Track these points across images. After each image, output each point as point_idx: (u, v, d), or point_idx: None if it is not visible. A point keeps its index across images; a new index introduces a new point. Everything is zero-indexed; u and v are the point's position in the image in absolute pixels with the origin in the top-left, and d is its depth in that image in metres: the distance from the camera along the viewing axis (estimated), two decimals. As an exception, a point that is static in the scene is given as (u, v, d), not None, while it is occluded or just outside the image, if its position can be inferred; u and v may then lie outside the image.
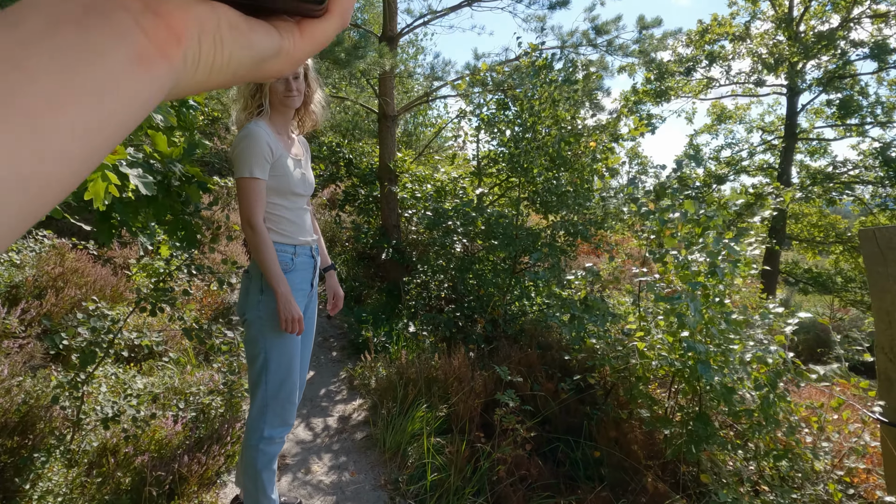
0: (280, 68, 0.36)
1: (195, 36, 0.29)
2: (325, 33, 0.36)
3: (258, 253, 2.00)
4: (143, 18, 0.27)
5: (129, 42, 0.26)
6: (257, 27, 0.33)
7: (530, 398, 3.60)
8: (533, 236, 4.70)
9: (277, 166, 2.07)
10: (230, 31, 0.31)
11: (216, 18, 0.31)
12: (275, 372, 2.15)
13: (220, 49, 0.31)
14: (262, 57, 0.34)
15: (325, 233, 8.37)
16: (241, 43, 0.32)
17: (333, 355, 5.05)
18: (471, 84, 5.77)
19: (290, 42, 0.35)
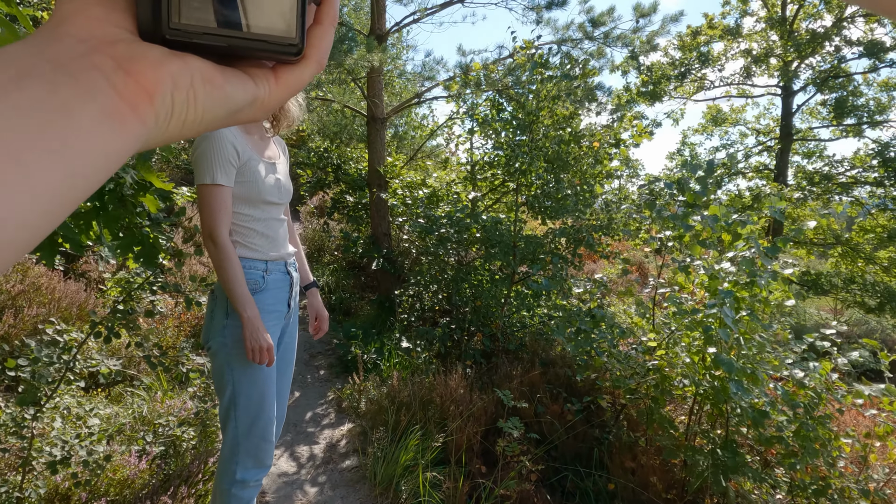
0: (253, 115, 0.35)
1: (168, 93, 0.29)
2: (300, 79, 0.36)
3: (221, 271, 1.70)
4: (114, 76, 0.27)
5: (98, 100, 0.26)
6: (232, 78, 0.33)
7: (534, 423, 3.28)
8: (534, 244, 4.40)
9: (245, 171, 1.76)
10: (204, 85, 0.31)
11: (189, 74, 0.30)
12: (245, 407, 1.84)
13: (194, 104, 0.31)
14: (237, 108, 0.33)
15: (313, 242, 8.03)
16: (215, 97, 0.32)
17: (321, 374, 4.71)
18: (463, 84, 5.48)
19: (266, 90, 0.35)
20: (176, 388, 3.64)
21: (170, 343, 4.48)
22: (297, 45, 0.33)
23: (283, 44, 0.33)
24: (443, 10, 5.81)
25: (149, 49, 0.29)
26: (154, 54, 0.29)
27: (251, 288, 1.80)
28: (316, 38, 0.36)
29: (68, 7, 0.29)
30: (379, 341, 4.80)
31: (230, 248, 1.71)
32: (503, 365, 4.03)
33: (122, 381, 3.75)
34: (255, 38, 0.32)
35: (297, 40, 0.33)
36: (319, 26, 0.36)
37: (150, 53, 0.29)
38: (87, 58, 0.27)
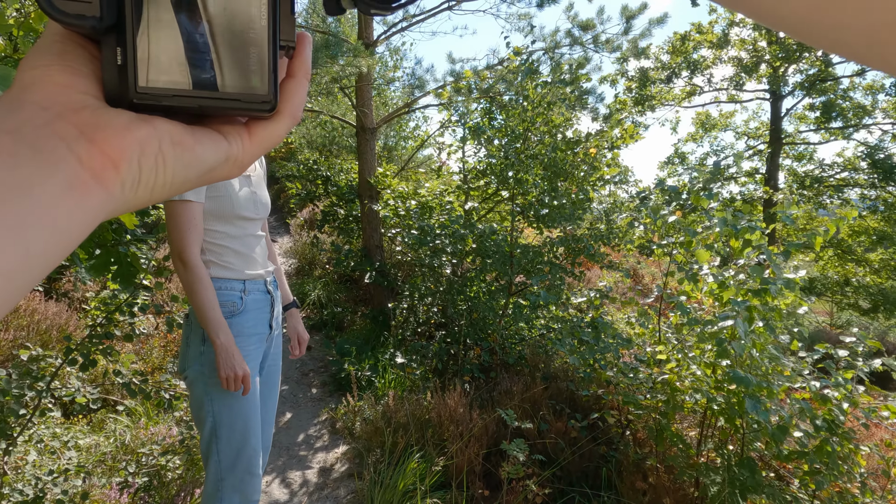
0: (227, 173, 0.34)
1: (134, 160, 0.28)
2: (274, 134, 0.35)
3: (192, 294, 1.56)
4: (77, 146, 0.26)
5: (61, 172, 0.25)
6: (203, 138, 0.31)
7: (538, 443, 3.14)
8: (531, 254, 4.28)
9: (217, 185, 1.63)
10: (173, 148, 0.30)
11: (157, 139, 0.29)
12: (227, 439, 1.69)
13: (163, 169, 0.29)
14: (209, 168, 0.32)
15: (304, 255, 7.88)
16: (185, 160, 0.30)
17: (313, 393, 4.55)
18: (455, 91, 5.37)
19: (239, 147, 0.33)
20: (161, 414, 3.47)
21: (156, 364, 4.31)
22: (270, 101, 0.32)
23: (255, 101, 0.32)
24: (431, 17, 5.72)
25: (115, 115, 0.28)
26: (120, 120, 0.28)
27: (228, 310, 1.66)
28: (289, 91, 0.34)
29: (31, 74, 0.28)
30: (373, 357, 4.65)
31: (201, 268, 1.58)
32: (503, 380, 3.89)
33: (105, 407, 3.58)
34: (227, 98, 0.31)
35: (270, 96, 0.32)
36: (292, 79, 0.35)
37: (116, 120, 0.28)
38: (50, 126, 0.26)
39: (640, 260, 12.65)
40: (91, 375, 3.58)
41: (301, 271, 7.68)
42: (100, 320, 2.57)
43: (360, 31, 5.69)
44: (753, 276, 2.16)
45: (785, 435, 2.18)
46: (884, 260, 12.14)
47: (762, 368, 2.35)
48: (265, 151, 0.35)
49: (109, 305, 2.66)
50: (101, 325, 2.49)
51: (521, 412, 3.37)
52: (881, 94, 13.04)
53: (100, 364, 3.53)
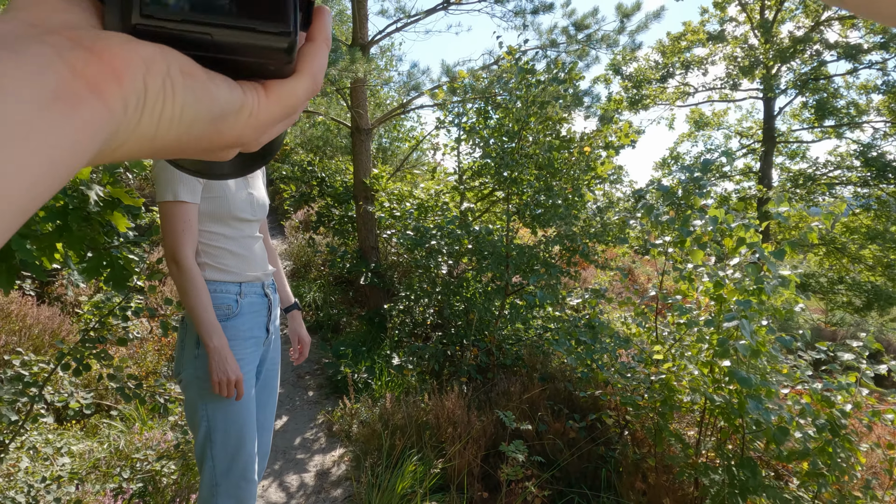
0: (241, 132, 0.30)
1: (139, 76, 0.24)
2: (293, 93, 0.32)
3: (185, 297, 1.54)
4: (70, 54, 0.22)
5: (45, 78, 0.21)
6: (216, 78, 0.28)
7: (537, 444, 3.12)
8: (527, 254, 4.26)
9: (213, 186, 1.62)
10: (183, 77, 0.26)
11: (165, 61, 0.25)
12: (222, 444, 1.67)
13: (171, 95, 0.26)
14: (221, 112, 0.28)
15: (299, 257, 7.84)
16: (196, 92, 0.27)
17: (310, 395, 4.52)
18: (450, 92, 5.35)
19: (255, 99, 0.30)
20: (155, 418, 3.44)
21: (150, 368, 4.27)
22: (289, 33, 0.29)
23: (272, 32, 0.28)
24: (427, 17, 5.70)
25: (115, 34, 0.25)
26: (122, 38, 0.24)
27: (224, 313, 1.64)
28: (309, 54, 0.32)
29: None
30: (369, 359, 4.63)
31: (195, 270, 1.56)
32: (501, 381, 3.87)
33: (99, 412, 3.54)
34: (242, 27, 0.28)
35: (290, 28, 0.29)
36: (312, 43, 0.33)
37: (118, 37, 0.24)
38: (38, 37, 0.22)
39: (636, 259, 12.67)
40: (84, 380, 3.54)
41: (296, 273, 7.65)
42: (93, 324, 2.54)
43: (354, 32, 5.66)
44: (749, 276, 2.15)
45: (786, 436, 2.17)
46: (877, 257, 12.20)
47: (760, 367, 2.34)
48: (284, 114, 0.32)
49: (102, 309, 2.64)
50: (95, 329, 2.46)
51: (520, 413, 3.36)
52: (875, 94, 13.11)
53: (93, 369, 3.49)
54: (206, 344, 1.54)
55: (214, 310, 1.61)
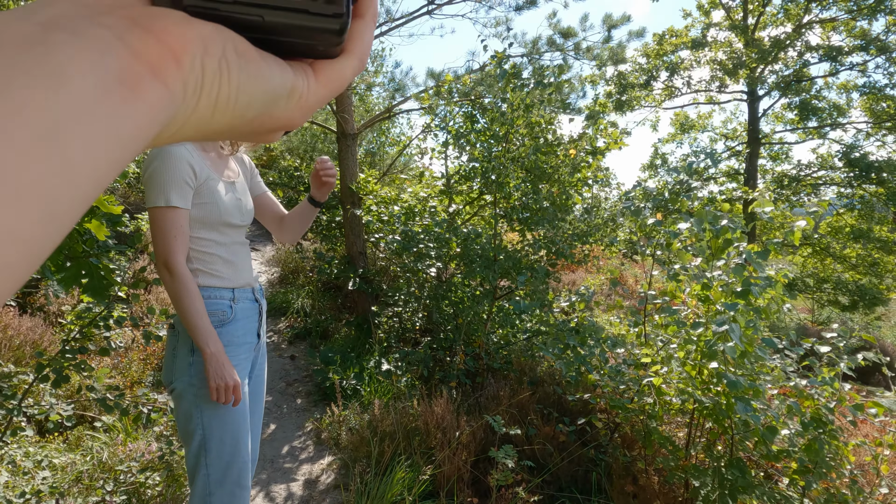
0: (291, 115, 0.30)
1: (198, 57, 0.24)
2: (341, 75, 0.32)
3: (179, 302, 1.52)
4: (129, 35, 0.22)
5: (108, 62, 0.20)
6: (269, 58, 0.28)
7: (527, 448, 3.11)
8: (514, 258, 4.25)
9: (204, 192, 1.59)
10: (238, 57, 0.26)
11: (222, 40, 0.25)
12: (217, 453, 1.63)
13: (227, 77, 0.26)
14: (274, 94, 0.28)
15: (287, 264, 7.79)
16: (250, 72, 0.27)
17: (298, 403, 4.47)
18: (436, 95, 5.35)
19: (304, 82, 0.30)
20: (139, 429, 3.38)
21: (134, 378, 4.20)
22: (342, 14, 0.28)
23: (325, 13, 0.28)
24: (411, 21, 5.70)
25: (171, 12, 0.24)
26: (177, 15, 0.24)
27: (219, 319, 1.62)
28: (357, 31, 0.32)
29: None
30: (358, 365, 4.59)
31: (188, 276, 1.53)
32: (490, 385, 3.85)
33: (82, 424, 3.47)
34: (294, 8, 0.27)
35: (343, 9, 0.28)
36: (360, 20, 0.33)
37: (173, 14, 0.24)
38: (93, 18, 0.21)
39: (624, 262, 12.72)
40: (67, 392, 3.48)
41: (284, 280, 7.59)
42: (74, 334, 2.50)
43: (339, 37, 5.63)
44: (735, 278, 2.16)
45: (775, 435, 2.17)
46: (861, 256, 12.35)
47: (747, 367, 2.34)
48: (333, 95, 0.32)
49: (85, 319, 2.59)
50: (75, 340, 2.42)
51: (509, 417, 3.34)
52: (855, 94, 13.30)
53: (75, 380, 3.43)
54: (203, 350, 1.52)
55: (210, 316, 1.58)
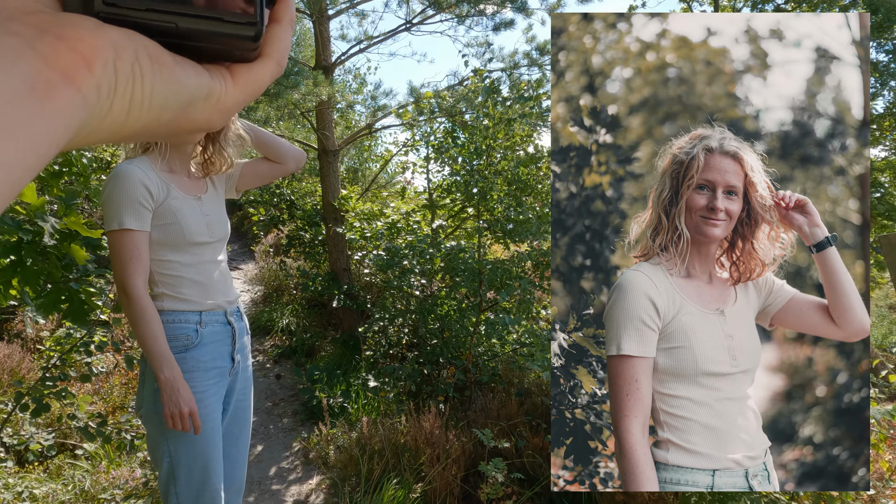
0: (209, 117, 0.31)
1: (110, 62, 0.24)
2: (259, 78, 0.32)
3: (135, 327, 1.50)
4: (39, 43, 0.22)
5: (19, 69, 0.21)
6: (184, 63, 0.28)
7: (517, 461, 3.10)
8: (500, 270, 4.27)
9: (164, 213, 1.57)
10: (151, 63, 0.26)
11: (133, 46, 0.25)
12: (186, 481, 1.61)
13: (140, 81, 0.26)
14: (190, 97, 0.29)
15: (270, 282, 7.74)
16: (164, 76, 0.27)
17: (284, 423, 4.42)
18: (416, 112, 5.39)
19: (221, 85, 0.30)
20: (123, 456, 3.31)
21: (117, 403, 4.13)
22: (256, 23, 0.28)
23: (240, 21, 0.28)
24: (390, 38, 5.75)
25: (80, 17, 0.24)
26: (89, 21, 0.24)
27: (183, 344, 1.60)
28: (274, 36, 0.32)
29: None
30: (345, 382, 4.56)
31: (144, 300, 1.51)
32: (478, 398, 3.85)
33: (63, 452, 3.40)
34: (208, 16, 0.27)
35: (257, 18, 0.28)
36: (277, 24, 0.33)
37: (84, 20, 0.24)
38: (1, 25, 0.22)
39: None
40: (47, 420, 3.40)
41: (268, 298, 7.53)
42: (54, 361, 2.45)
43: (317, 54, 5.67)
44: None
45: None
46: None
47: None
48: (249, 99, 0.33)
49: (64, 345, 2.55)
50: (55, 367, 2.37)
51: (498, 430, 3.34)
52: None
53: (56, 407, 3.36)
54: (157, 376, 1.50)
55: (173, 341, 1.57)
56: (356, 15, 6.14)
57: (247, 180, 1.88)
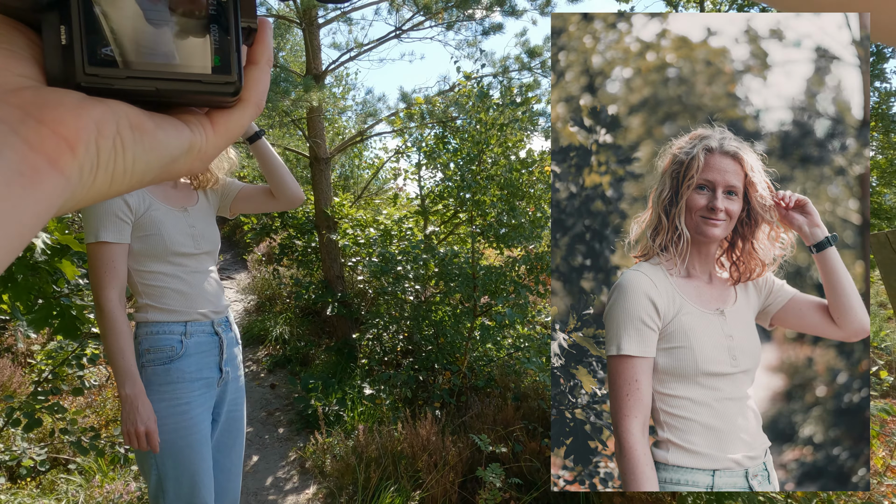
0: (190, 167, 0.31)
1: (92, 142, 0.25)
2: (238, 123, 0.33)
3: (104, 340, 1.51)
4: (23, 128, 0.22)
5: (5, 157, 0.21)
6: (164, 124, 0.29)
7: (514, 466, 3.10)
8: (494, 274, 4.28)
9: (145, 224, 1.57)
10: (132, 132, 0.27)
11: (115, 119, 0.26)
12: (174, 493, 1.60)
13: (122, 153, 0.26)
14: (171, 158, 0.29)
15: (263, 291, 7.70)
16: (146, 145, 0.27)
17: (280, 432, 4.39)
18: (407, 118, 5.40)
19: (202, 136, 0.31)
20: (117, 469, 3.28)
21: (110, 416, 4.09)
22: (234, 83, 0.29)
23: (218, 83, 0.29)
24: (380, 45, 5.76)
25: (63, 94, 0.25)
26: (70, 99, 0.25)
27: (167, 355, 1.59)
28: (253, 79, 0.33)
29: None
30: (340, 390, 4.54)
31: (115, 314, 1.50)
32: (474, 404, 3.84)
33: (56, 467, 3.36)
34: (188, 79, 0.28)
35: (235, 78, 0.29)
36: (255, 66, 0.33)
37: (66, 99, 0.25)
38: None
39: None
40: (39, 434, 3.37)
41: (261, 307, 7.50)
42: (45, 374, 2.43)
43: (308, 62, 5.67)
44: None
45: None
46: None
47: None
48: (229, 143, 0.33)
49: (56, 358, 2.52)
50: (47, 381, 2.35)
51: (495, 435, 3.33)
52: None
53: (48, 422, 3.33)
54: (119, 392, 1.49)
55: (157, 352, 1.56)
56: (346, 23, 6.15)
57: (241, 204, 1.88)
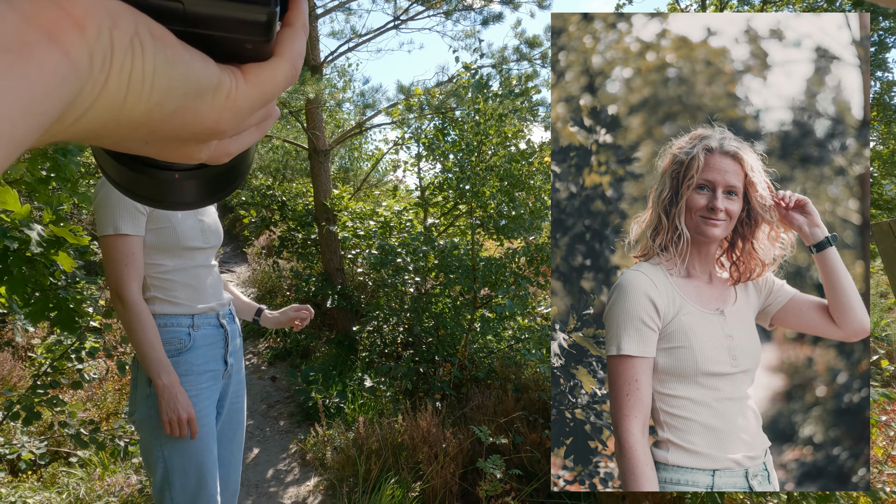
0: (219, 116, 0.28)
1: (105, 29, 0.21)
2: (272, 77, 0.30)
3: (131, 334, 1.49)
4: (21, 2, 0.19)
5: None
6: (189, 47, 0.25)
7: (514, 457, 3.10)
8: (494, 266, 4.27)
9: (158, 216, 1.56)
10: (153, 40, 0.23)
11: (134, 19, 0.22)
12: (181, 486, 1.59)
13: (141, 56, 0.23)
14: (197, 87, 0.26)
15: (263, 284, 7.69)
16: (168, 55, 0.24)
17: (281, 425, 4.40)
18: (406, 110, 5.37)
19: (232, 81, 0.28)
20: (117, 462, 3.28)
21: (110, 409, 4.09)
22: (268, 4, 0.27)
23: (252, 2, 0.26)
24: (378, 36, 5.72)
25: None
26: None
27: (176, 347, 1.58)
28: (287, 38, 0.31)
29: None
30: (341, 383, 4.54)
31: (140, 306, 1.50)
32: (475, 395, 3.84)
33: (56, 460, 3.36)
34: None
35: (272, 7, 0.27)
36: (290, 28, 0.31)
37: None
38: None
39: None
40: (40, 428, 3.37)
41: (261, 300, 7.50)
42: (45, 368, 2.42)
43: (306, 54, 5.64)
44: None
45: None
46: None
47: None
48: (262, 100, 0.30)
49: (55, 352, 2.52)
50: (46, 374, 2.35)
51: (495, 427, 3.33)
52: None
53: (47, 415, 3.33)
54: (155, 382, 1.49)
55: (165, 345, 1.55)
56: (344, 12, 6.11)
57: None
